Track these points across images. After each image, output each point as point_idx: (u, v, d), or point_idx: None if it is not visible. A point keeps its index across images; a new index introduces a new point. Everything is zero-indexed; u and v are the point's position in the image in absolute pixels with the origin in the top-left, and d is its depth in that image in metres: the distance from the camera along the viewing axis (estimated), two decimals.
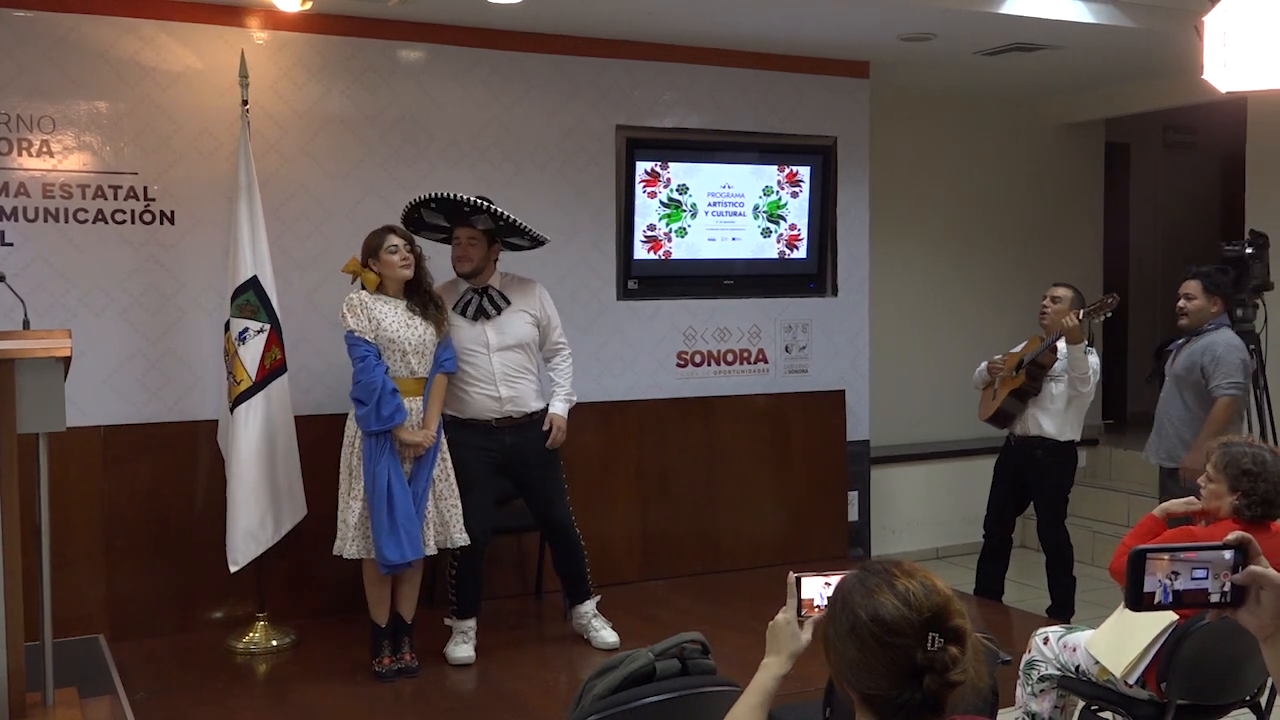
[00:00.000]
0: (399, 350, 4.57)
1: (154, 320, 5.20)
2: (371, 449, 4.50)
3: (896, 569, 1.81)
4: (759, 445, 6.49)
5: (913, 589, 1.76)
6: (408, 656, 4.75)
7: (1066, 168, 8.24)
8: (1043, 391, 5.47)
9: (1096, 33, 5.82)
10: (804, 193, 6.50)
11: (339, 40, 5.46)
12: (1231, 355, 5.14)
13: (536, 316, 4.99)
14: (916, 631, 1.73)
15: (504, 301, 4.95)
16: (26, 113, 4.97)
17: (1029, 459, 5.56)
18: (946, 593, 1.79)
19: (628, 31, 5.87)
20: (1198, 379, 5.17)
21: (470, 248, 4.88)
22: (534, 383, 5.00)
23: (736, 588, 6.01)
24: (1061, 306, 5.38)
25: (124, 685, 4.46)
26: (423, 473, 4.60)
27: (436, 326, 4.67)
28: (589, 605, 5.13)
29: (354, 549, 4.56)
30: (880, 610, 1.75)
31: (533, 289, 5.06)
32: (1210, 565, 1.69)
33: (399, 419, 4.51)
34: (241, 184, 4.96)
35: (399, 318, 4.59)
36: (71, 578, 4.92)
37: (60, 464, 4.36)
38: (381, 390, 4.46)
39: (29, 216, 4.98)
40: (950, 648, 1.73)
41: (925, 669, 1.72)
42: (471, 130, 5.75)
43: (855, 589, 1.81)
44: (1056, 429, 5.48)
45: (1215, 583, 1.70)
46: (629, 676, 2.41)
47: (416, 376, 4.63)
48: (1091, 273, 8.21)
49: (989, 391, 5.70)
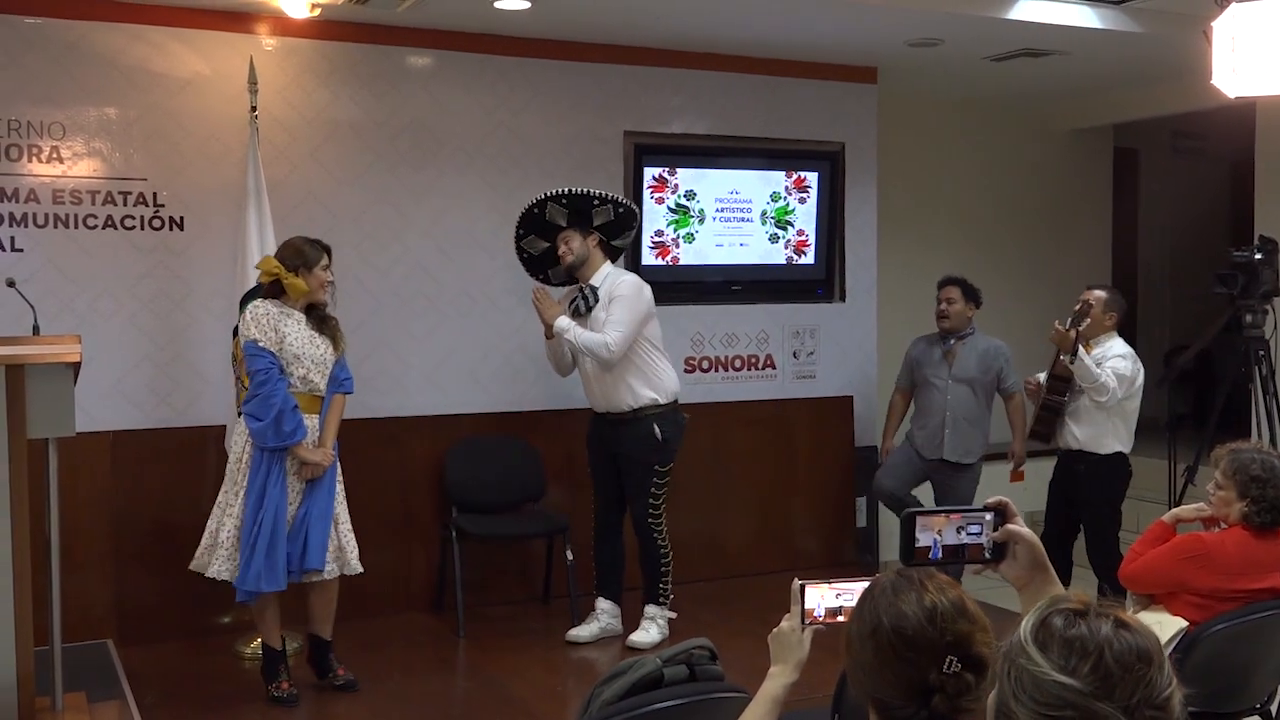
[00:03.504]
0: (301, 366, 4.41)
1: (163, 326, 5.21)
2: (259, 466, 4.32)
3: (930, 581, 1.77)
4: (767, 451, 6.49)
5: (941, 606, 1.72)
6: (340, 671, 4.60)
7: (1074, 173, 8.23)
8: (1075, 404, 5.34)
9: (1104, 38, 5.81)
10: (812, 198, 6.50)
11: (347, 46, 5.47)
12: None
13: (606, 309, 5.01)
14: (935, 651, 1.69)
15: (594, 299, 5.00)
16: (37, 119, 4.99)
17: (1071, 475, 5.42)
18: (976, 617, 1.74)
19: (635, 37, 5.87)
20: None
21: (565, 244, 5.05)
22: (624, 382, 5.02)
23: (744, 593, 6.00)
24: (1095, 309, 5.27)
25: (132, 690, 4.46)
26: (320, 494, 4.44)
27: (334, 343, 4.54)
28: (648, 607, 5.19)
29: (222, 569, 4.36)
30: (903, 621, 1.71)
31: (612, 284, 5.04)
32: (982, 524, 1.97)
33: (299, 436, 4.33)
34: (250, 190, 4.97)
35: (302, 333, 4.44)
36: (80, 582, 4.93)
37: (69, 469, 4.37)
38: (283, 406, 4.29)
39: (39, 222, 5.00)
40: (966, 674, 1.69)
41: (936, 690, 1.69)
42: (479, 136, 5.76)
43: (884, 593, 1.77)
44: (1096, 441, 5.32)
45: (987, 540, 1.97)
46: (637, 683, 2.40)
47: (316, 394, 4.47)
48: (1099, 278, 8.16)
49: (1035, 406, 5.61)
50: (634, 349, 5.01)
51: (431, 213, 5.68)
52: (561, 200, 5.00)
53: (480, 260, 5.79)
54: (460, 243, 5.75)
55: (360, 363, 5.39)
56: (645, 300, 5.06)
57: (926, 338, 6.05)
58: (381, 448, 5.55)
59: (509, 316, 5.84)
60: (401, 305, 5.64)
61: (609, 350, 4.93)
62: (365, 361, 5.48)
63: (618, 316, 4.95)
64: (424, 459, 5.68)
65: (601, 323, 4.98)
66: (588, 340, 4.95)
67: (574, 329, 4.97)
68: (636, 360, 5.04)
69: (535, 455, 5.81)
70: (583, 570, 5.44)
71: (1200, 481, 5.26)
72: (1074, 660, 1.37)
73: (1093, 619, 1.40)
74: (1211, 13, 3.94)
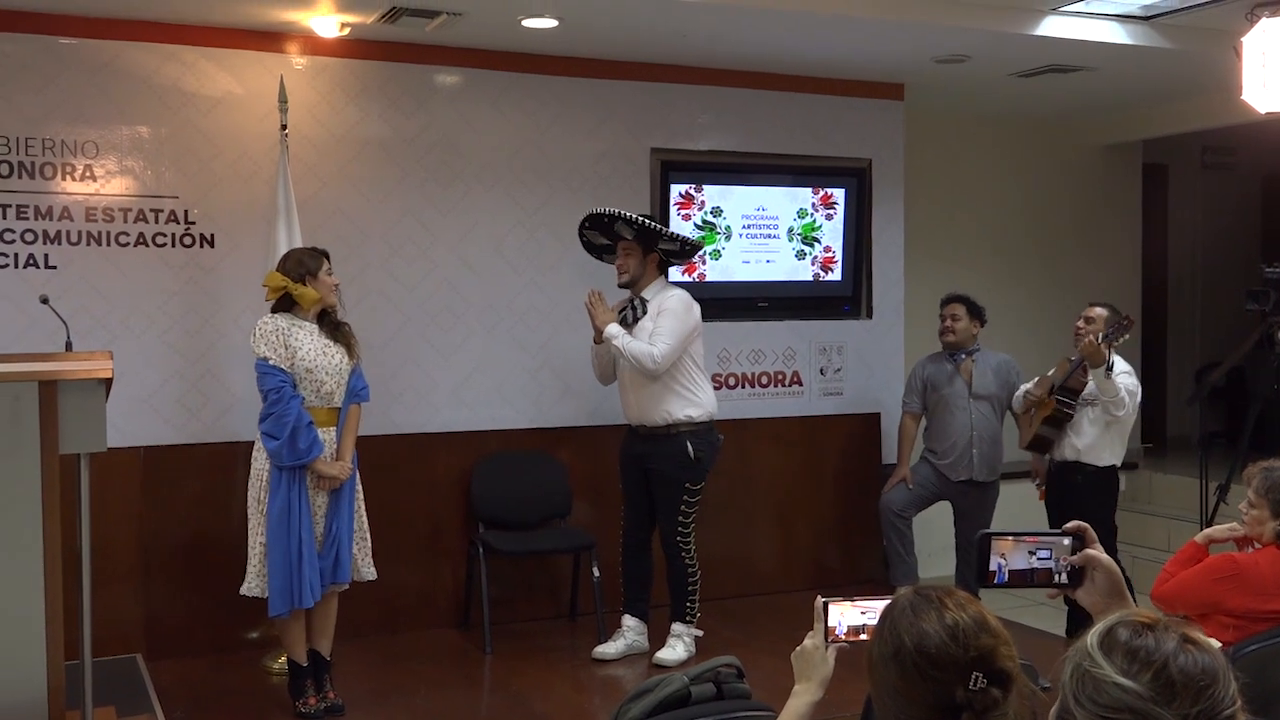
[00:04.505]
0: (315, 380, 4.39)
1: (193, 342, 5.25)
2: (279, 483, 4.31)
3: (949, 598, 1.74)
4: (793, 467, 6.47)
5: (962, 623, 1.70)
6: (331, 694, 4.54)
7: (1103, 189, 8.19)
8: (1078, 416, 5.40)
9: (1133, 54, 5.79)
10: (838, 215, 6.49)
11: (376, 65, 5.51)
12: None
13: (654, 322, 5.03)
14: (960, 668, 1.67)
15: (643, 311, 5.04)
16: (70, 138, 5.05)
17: (1068, 486, 5.46)
18: (997, 631, 1.72)
19: (662, 55, 5.89)
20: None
21: (625, 258, 5.09)
22: (661, 397, 5.03)
23: (771, 611, 5.98)
24: (1096, 326, 5.31)
25: (161, 705, 4.49)
26: (343, 508, 4.44)
27: (349, 351, 4.53)
28: (675, 625, 5.19)
29: (253, 586, 4.40)
30: (925, 640, 1.69)
31: (662, 298, 5.07)
32: (1053, 548, 1.95)
33: (316, 452, 4.32)
34: (280, 207, 5.01)
35: (315, 344, 4.41)
36: (110, 597, 4.96)
37: (100, 484, 4.40)
38: (297, 423, 4.27)
39: (72, 240, 5.06)
40: (993, 689, 1.67)
41: (963, 707, 1.67)
42: (507, 153, 5.79)
43: (904, 614, 1.75)
44: (1094, 454, 5.40)
45: (1059, 565, 1.95)
46: (663, 701, 2.40)
47: (332, 406, 4.45)
48: (1129, 295, 8.13)
49: (1026, 418, 5.64)
50: (675, 365, 5.03)
51: (459, 229, 5.71)
52: (634, 224, 5.03)
53: (507, 276, 5.81)
54: (487, 259, 5.77)
55: (387, 378, 5.43)
56: (694, 317, 5.10)
57: (931, 357, 6.06)
58: (408, 463, 5.56)
59: (535, 332, 5.86)
60: (429, 321, 5.66)
61: (654, 361, 4.94)
62: (392, 377, 5.51)
63: (665, 329, 4.98)
64: (450, 475, 5.69)
65: (648, 333, 4.99)
66: (635, 349, 4.96)
67: (622, 336, 5.00)
68: (677, 375, 5.05)
69: (562, 471, 5.82)
70: (609, 587, 5.44)
71: (1233, 500, 5.22)
72: (1136, 667, 1.40)
73: (1160, 632, 1.43)
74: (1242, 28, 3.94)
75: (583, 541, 5.57)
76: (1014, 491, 6.18)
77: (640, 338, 5.01)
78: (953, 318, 5.90)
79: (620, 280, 5.16)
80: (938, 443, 5.95)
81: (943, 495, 6.00)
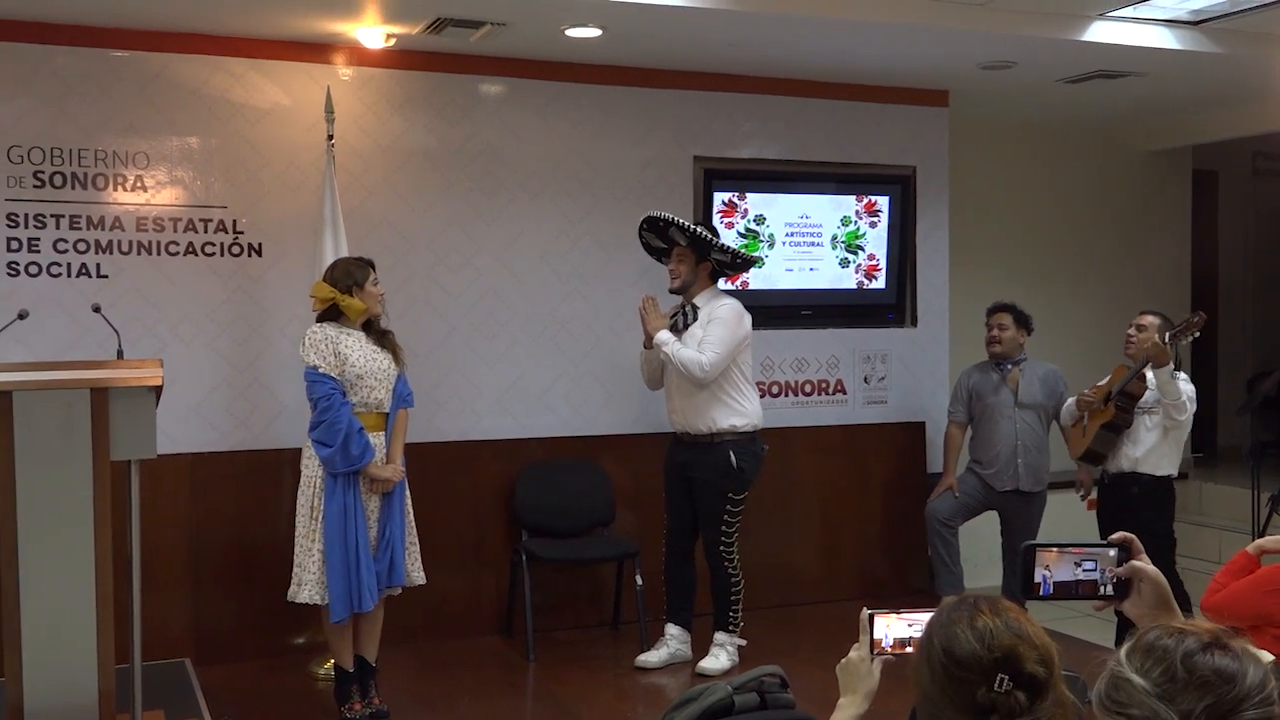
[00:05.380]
0: (365, 386, 4.43)
1: (241, 350, 5.31)
2: (334, 490, 4.35)
3: (986, 605, 1.75)
4: (837, 477, 6.44)
5: (993, 627, 1.70)
6: (376, 700, 4.56)
7: (1151, 196, 8.09)
8: (1135, 423, 5.29)
9: (1182, 59, 5.72)
10: (882, 222, 6.46)
11: (421, 75, 5.56)
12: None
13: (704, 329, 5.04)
14: (985, 669, 1.68)
15: (693, 318, 5.06)
16: (122, 149, 5.13)
17: (1125, 497, 5.33)
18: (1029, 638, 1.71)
19: (705, 63, 5.90)
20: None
21: (678, 264, 5.12)
22: (707, 405, 5.03)
23: (815, 621, 5.96)
24: (1148, 334, 5.21)
25: (209, 709, 4.53)
26: (395, 512, 4.48)
27: (395, 358, 4.57)
28: (718, 634, 5.18)
29: (313, 594, 4.41)
30: (953, 643, 1.71)
31: (712, 307, 5.08)
32: (1098, 559, 1.94)
33: (369, 457, 4.36)
34: (326, 217, 5.06)
35: (364, 350, 4.46)
36: (160, 602, 5.02)
37: (150, 490, 4.46)
38: (349, 430, 4.31)
39: (123, 249, 5.13)
40: (1018, 693, 1.66)
41: (989, 710, 1.67)
42: (551, 162, 5.82)
43: (939, 619, 1.77)
44: (1152, 462, 5.28)
45: (1104, 576, 1.94)
46: (707, 709, 2.40)
47: (381, 412, 4.49)
48: (1178, 303, 8.02)
49: (1079, 428, 5.53)
50: (722, 374, 5.02)
51: (503, 238, 5.74)
52: (687, 231, 5.05)
53: (551, 284, 5.83)
54: (531, 267, 5.79)
55: (432, 386, 5.46)
56: (744, 327, 5.10)
57: (978, 366, 6.00)
58: (452, 471, 5.59)
59: (579, 340, 5.88)
60: (473, 329, 5.69)
61: (702, 369, 4.95)
62: (437, 385, 5.54)
63: (715, 337, 4.98)
64: (494, 483, 5.72)
65: (697, 341, 4.99)
66: (684, 356, 4.97)
67: (672, 343, 5.01)
68: (723, 385, 5.05)
69: (605, 479, 5.83)
70: (652, 595, 5.44)
71: None
72: (1149, 664, 1.42)
73: (1187, 637, 1.42)
74: None
75: (626, 550, 5.57)
76: (1060, 502, 6.11)
77: (689, 344, 5.02)
78: (999, 327, 5.84)
79: (672, 285, 5.17)
80: (983, 452, 5.90)
81: (989, 505, 5.95)
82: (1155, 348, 5.04)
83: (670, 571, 5.29)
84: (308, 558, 4.43)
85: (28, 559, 3.71)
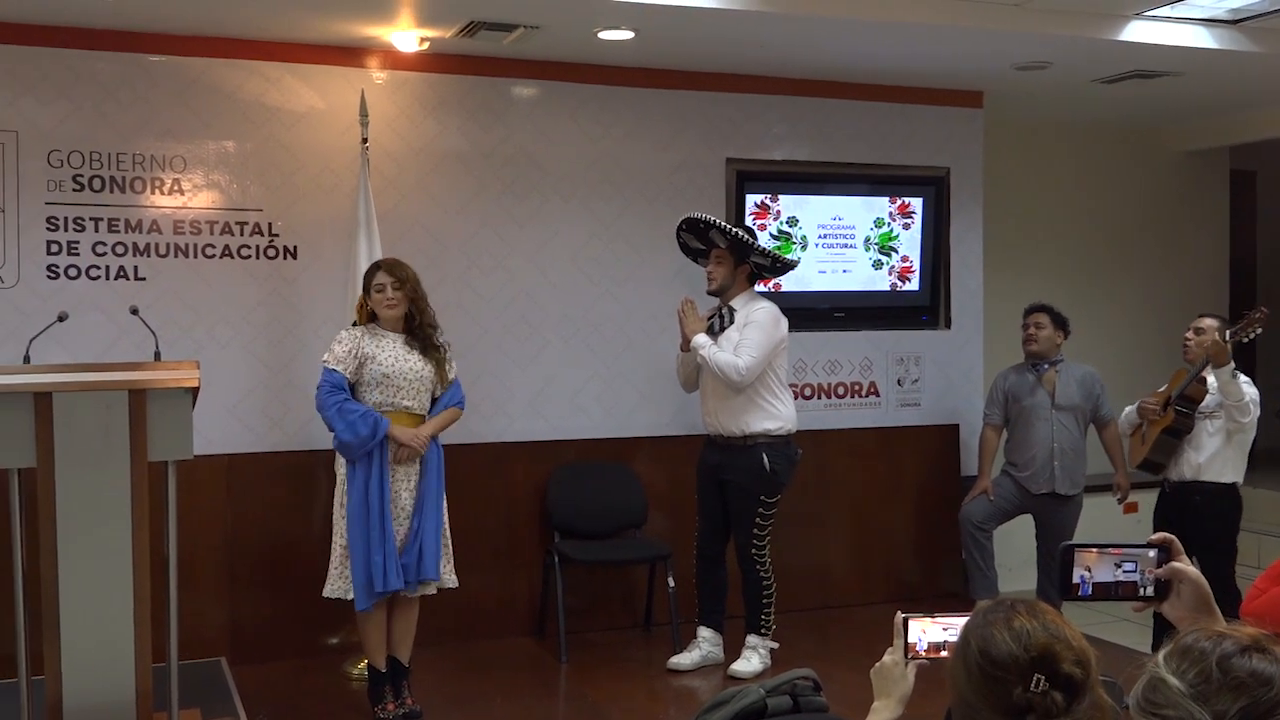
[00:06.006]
0: (393, 385, 4.47)
1: (276, 352, 5.35)
2: (353, 479, 4.38)
3: (1023, 607, 1.75)
4: (870, 479, 6.42)
5: (1030, 628, 1.70)
6: (409, 701, 4.56)
7: (1188, 197, 8.01)
8: (1196, 429, 5.14)
9: (1220, 58, 5.66)
10: (916, 224, 6.44)
11: (455, 79, 5.58)
12: None
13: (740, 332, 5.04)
14: (1021, 669, 1.67)
15: (730, 320, 5.06)
16: (159, 153, 5.18)
17: (1187, 506, 5.15)
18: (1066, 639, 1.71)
19: (738, 65, 5.89)
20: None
21: (715, 266, 5.11)
22: (741, 408, 5.02)
23: (848, 624, 5.94)
24: (1206, 338, 5.07)
25: (245, 708, 4.56)
26: (429, 507, 4.48)
27: (437, 366, 4.57)
28: (750, 637, 5.17)
29: (335, 588, 4.45)
30: (990, 644, 1.70)
31: (749, 310, 5.08)
32: (1138, 561, 1.90)
33: (383, 426, 4.36)
34: (360, 220, 5.09)
35: (395, 351, 4.49)
36: (196, 602, 5.07)
37: (186, 491, 4.50)
38: (334, 407, 4.36)
39: (161, 252, 5.18)
40: (1055, 694, 1.66)
41: (1025, 710, 1.66)
42: (583, 164, 5.83)
43: (975, 621, 1.77)
44: (1215, 469, 5.12)
45: (1144, 578, 1.91)
46: (740, 712, 2.40)
47: (411, 413, 4.50)
48: (1216, 304, 7.94)
49: (1138, 435, 5.38)
50: (757, 377, 5.01)
51: (535, 240, 5.76)
52: (727, 233, 5.05)
53: (583, 287, 5.84)
54: (563, 270, 5.81)
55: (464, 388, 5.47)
56: (780, 331, 5.10)
57: (1014, 368, 5.95)
58: (485, 473, 5.61)
59: (611, 342, 5.89)
60: (505, 331, 5.71)
61: (739, 374, 4.94)
62: (470, 387, 5.53)
63: (752, 341, 4.98)
64: (527, 484, 5.73)
65: (734, 343, 4.99)
66: (720, 359, 4.96)
67: (709, 346, 5.00)
68: (758, 388, 5.04)
69: (637, 481, 5.83)
70: (684, 597, 5.43)
71: None
72: (1185, 665, 1.42)
73: (1225, 640, 1.41)
74: None
75: (658, 551, 5.57)
76: (1097, 505, 6.06)
77: (724, 346, 5.01)
78: (1036, 326, 5.80)
79: (709, 288, 5.17)
80: (1019, 455, 5.86)
81: (1024, 508, 5.90)
82: (1215, 346, 4.91)
83: (701, 575, 5.28)
84: (335, 552, 4.49)
85: (67, 558, 3.76)
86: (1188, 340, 5.19)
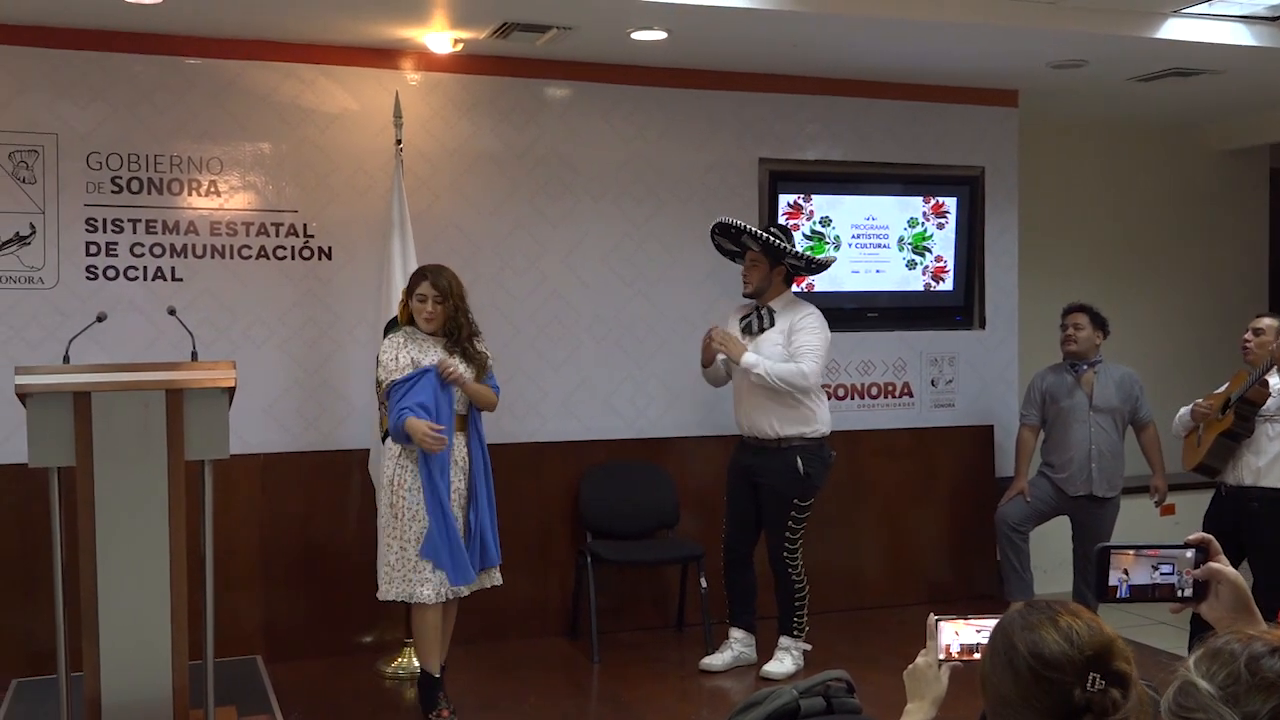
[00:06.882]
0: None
1: (311, 352, 5.39)
2: (422, 469, 4.40)
3: (1062, 607, 1.74)
4: (904, 480, 6.39)
5: (1076, 627, 1.69)
6: (444, 713, 4.51)
7: (1227, 196, 7.92)
8: (1256, 433, 5.00)
9: (1260, 56, 5.59)
10: (950, 224, 6.40)
11: (488, 80, 5.60)
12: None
13: (786, 338, 5.03)
14: (1077, 669, 1.66)
15: (769, 322, 5.04)
16: (196, 155, 5.23)
17: (1244, 512, 5.01)
18: (1112, 634, 1.71)
19: (770, 65, 5.88)
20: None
21: (751, 269, 5.11)
22: (776, 410, 5.01)
23: (881, 625, 5.91)
24: (1267, 338, 4.99)
25: (280, 705, 4.60)
26: (480, 498, 4.51)
27: (479, 371, 4.56)
28: (783, 638, 5.16)
29: (389, 590, 4.43)
30: (1040, 645, 1.69)
31: (795, 314, 5.08)
32: (1175, 562, 1.88)
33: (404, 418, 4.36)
34: (394, 220, 5.12)
35: (436, 356, 4.48)
36: (231, 600, 5.11)
37: (222, 490, 4.54)
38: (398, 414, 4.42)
39: (197, 253, 5.23)
40: (1112, 690, 1.65)
41: (1083, 709, 1.65)
42: (616, 165, 5.83)
43: (1016, 623, 1.74)
44: (1276, 475, 4.98)
45: (1182, 579, 1.89)
46: (773, 713, 2.39)
47: (455, 414, 4.51)
48: (1256, 307, 7.85)
49: (1192, 438, 5.26)
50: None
51: (568, 241, 5.77)
52: (760, 239, 5.04)
53: (616, 287, 5.85)
54: (596, 270, 5.81)
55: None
56: (828, 332, 5.11)
57: (1052, 368, 5.91)
58: (518, 473, 5.62)
59: (643, 343, 5.89)
60: (538, 332, 5.72)
61: (804, 379, 4.95)
62: (504, 388, 5.53)
63: (809, 345, 4.98)
64: (559, 484, 5.74)
65: (773, 344, 5.00)
66: (781, 371, 4.93)
67: (763, 363, 4.96)
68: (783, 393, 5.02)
69: (669, 481, 5.83)
70: (716, 598, 5.42)
71: None
72: (1215, 668, 1.40)
73: (1256, 642, 1.40)
74: None
75: (690, 552, 5.56)
76: (1135, 507, 6.01)
77: (764, 348, 5.00)
78: (1075, 327, 5.75)
79: (746, 290, 5.16)
80: (1055, 456, 5.81)
81: (1060, 510, 5.86)
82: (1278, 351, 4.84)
83: (730, 576, 5.26)
84: (390, 554, 4.43)
85: (106, 556, 3.80)
86: (1247, 342, 5.09)
